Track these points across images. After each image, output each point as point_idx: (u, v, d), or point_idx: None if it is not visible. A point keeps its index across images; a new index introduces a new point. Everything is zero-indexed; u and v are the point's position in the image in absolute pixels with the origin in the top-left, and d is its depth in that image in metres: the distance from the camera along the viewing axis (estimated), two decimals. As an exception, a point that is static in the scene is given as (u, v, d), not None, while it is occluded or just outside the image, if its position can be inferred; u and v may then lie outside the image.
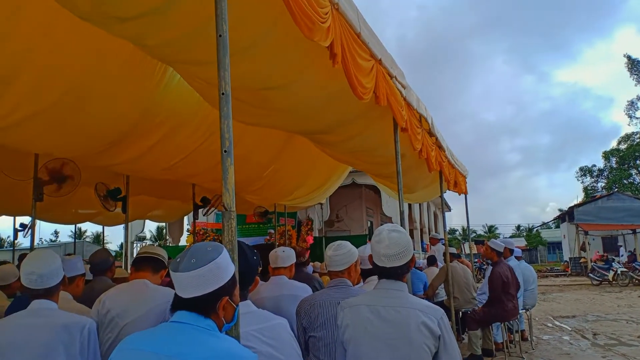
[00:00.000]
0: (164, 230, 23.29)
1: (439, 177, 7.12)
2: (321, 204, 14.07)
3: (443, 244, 9.37)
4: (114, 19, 2.44)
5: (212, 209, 9.10)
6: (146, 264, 3.11)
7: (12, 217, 9.55)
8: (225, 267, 1.58)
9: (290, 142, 6.39)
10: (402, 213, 4.48)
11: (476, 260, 23.21)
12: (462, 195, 9.34)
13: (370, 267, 3.39)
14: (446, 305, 7.25)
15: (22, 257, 8.93)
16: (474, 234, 55.26)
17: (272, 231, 13.64)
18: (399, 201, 4.44)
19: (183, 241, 15.22)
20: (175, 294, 1.57)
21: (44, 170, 4.98)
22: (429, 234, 17.67)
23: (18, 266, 4.78)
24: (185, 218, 14.22)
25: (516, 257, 7.92)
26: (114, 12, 2.37)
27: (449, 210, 26.34)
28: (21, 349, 2.34)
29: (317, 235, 15.17)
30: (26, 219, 9.59)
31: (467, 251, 17.67)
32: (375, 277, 3.41)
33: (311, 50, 2.88)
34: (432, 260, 9.21)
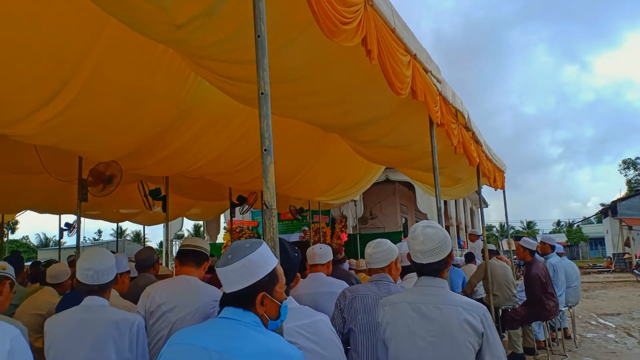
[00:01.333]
0: (202, 229, 23.70)
1: (476, 172, 7.01)
2: (355, 201, 14.04)
3: (482, 240, 9.23)
4: (170, 26, 2.50)
5: (247, 206, 9.22)
6: (189, 257, 3.12)
7: (57, 217, 9.94)
8: (261, 263, 1.60)
9: (326, 140, 6.41)
10: (439, 210, 4.43)
11: (515, 257, 22.70)
12: (500, 191, 9.17)
13: (408, 264, 3.41)
14: (485, 302, 7.13)
15: (70, 257, 9.28)
16: (512, 230, 54.07)
17: (307, 228, 13.71)
18: (436, 197, 4.40)
19: (220, 239, 15.46)
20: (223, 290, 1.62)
21: (88, 172, 5.17)
22: (466, 231, 17.42)
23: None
24: (222, 216, 14.45)
25: (558, 254, 7.72)
26: (171, 20, 2.43)
27: (486, 206, 25.88)
28: (76, 342, 2.45)
29: (351, 232, 15.15)
30: (70, 218, 9.98)
31: (505, 248, 17.31)
32: (413, 275, 3.42)
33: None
34: (470, 257, 9.08)
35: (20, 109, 3.56)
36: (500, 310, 7.43)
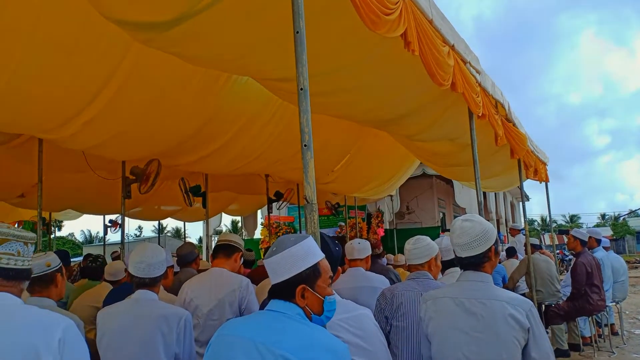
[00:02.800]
0: (239, 224, 24.02)
1: (518, 165, 6.85)
2: (391, 195, 13.96)
3: (524, 235, 9.01)
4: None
5: (285, 202, 9.30)
6: (220, 251, 3.37)
7: (101, 215, 10.29)
8: (301, 256, 1.61)
9: (363, 135, 6.39)
10: (479, 203, 4.36)
11: (558, 251, 22.09)
12: (542, 184, 8.93)
13: (448, 259, 3.37)
14: (528, 298, 6.96)
15: (114, 253, 9.59)
16: (554, 224, 52.60)
17: (343, 224, 13.71)
18: (477, 191, 4.33)
19: (257, 234, 15.66)
20: None
21: (132, 170, 5.33)
22: (507, 225, 17.06)
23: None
24: (259, 212, 14.62)
25: (604, 248, 7.48)
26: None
27: (528, 199, 25.26)
28: (128, 335, 2.53)
29: (387, 227, 15.06)
30: (111, 217, 10.32)
31: (548, 242, 16.87)
32: (454, 270, 3.38)
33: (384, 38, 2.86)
34: (511, 252, 8.88)
35: (61, 115, 3.70)
36: (543, 305, 7.25)
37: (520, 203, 10.38)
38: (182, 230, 16.66)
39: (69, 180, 6.44)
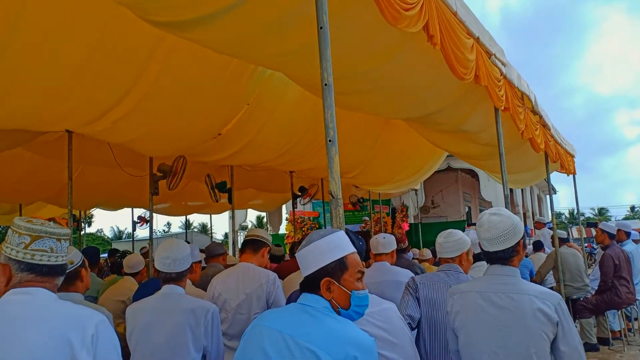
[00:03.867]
0: (264, 220, 24.22)
1: (545, 158, 6.74)
2: (415, 190, 13.86)
3: (550, 228, 8.86)
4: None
5: (309, 198, 9.33)
6: (248, 246, 3.44)
7: (130, 210, 10.51)
8: (328, 249, 1.63)
9: (387, 129, 6.37)
10: (506, 197, 4.31)
11: (586, 244, 21.62)
12: (570, 177, 8.76)
13: (474, 253, 3.35)
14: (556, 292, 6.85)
15: (142, 249, 9.79)
16: (582, 217, 51.49)
17: (367, 218, 13.69)
18: (503, 184, 4.28)
19: (282, 229, 15.76)
20: None
21: (159, 167, 5.44)
22: (533, 218, 16.79)
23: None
24: (284, 207, 14.71)
25: (634, 241, 7.31)
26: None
27: (555, 192, 24.77)
28: (157, 328, 2.60)
29: (412, 221, 14.98)
30: (139, 212, 10.52)
31: (576, 235, 16.54)
32: (481, 263, 3.35)
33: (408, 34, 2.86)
34: (538, 246, 8.75)
35: (95, 110, 3.79)
36: (571, 299, 7.14)
37: (547, 196, 10.20)
38: (209, 226, 16.89)
39: (98, 178, 6.60)
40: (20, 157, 5.54)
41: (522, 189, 17.20)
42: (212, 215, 13.59)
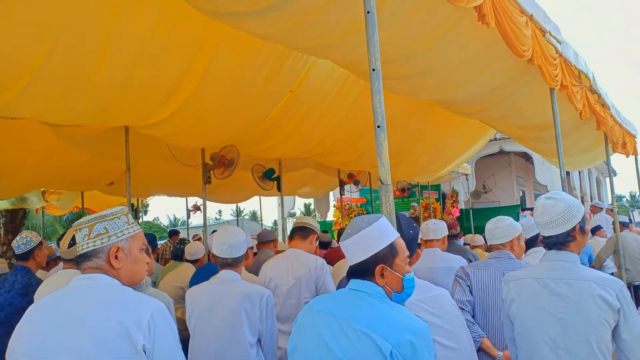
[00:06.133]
0: (311, 207, 24.41)
1: (604, 138, 6.44)
2: (466, 174, 13.57)
3: (609, 212, 8.47)
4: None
5: (357, 185, 9.32)
6: (297, 233, 3.55)
7: (184, 200, 10.86)
8: (377, 236, 1.63)
9: (432, 115, 6.24)
10: (563, 180, 4.16)
11: (650, 229, 20.50)
12: (631, 158, 8.32)
13: (529, 237, 3.27)
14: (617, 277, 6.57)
15: (195, 236, 10.10)
16: (645, 200, 48.94)
17: (416, 204, 13.54)
18: (560, 167, 4.13)
19: (330, 216, 15.83)
20: None
21: (211, 156, 5.59)
22: (591, 202, 16.12)
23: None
24: (331, 194, 14.77)
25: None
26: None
27: (615, 175, 23.63)
28: (215, 312, 2.70)
29: (463, 207, 14.69)
30: (193, 200, 10.86)
31: (637, 219, 15.75)
32: (538, 249, 3.27)
33: (456, 11, 2.78)
34: (596, 230, 8.39)
35: (146, 106, 3.90)
36: (632, 286, 6.84)
37: (607, 179, 9.74)
38: (259, 213, 17.21)
39: (154, 168, 6.84)
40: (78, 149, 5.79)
41: (579, 172, 16.51)
42: (262, 203, 13.82)
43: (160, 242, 10.77)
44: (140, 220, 13.10)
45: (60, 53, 2.78)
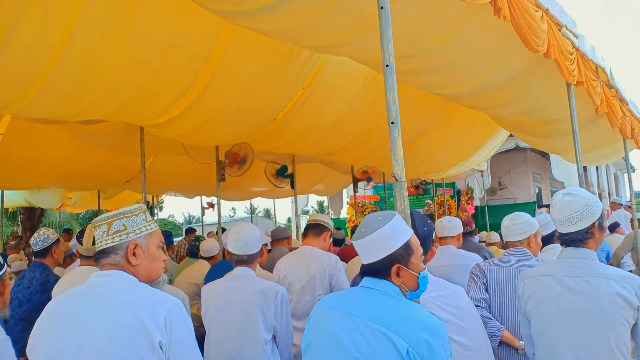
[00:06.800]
0: (325, 204, 24.40)
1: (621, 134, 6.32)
2: (481, 171, 13.44)
3: (628, 209, 8.34)
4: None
5: (370, 182, 9.28)
6: (310, 230, 3.56)
7: (199, 197, 10.93)
8: (393, 235, 1.61)
9: (444, 110, 6.19)
10: (580, 177, 4.10)
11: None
12: (651, 153, 8.17)
13: (546, 234, 3.23)
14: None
15: (209, 233, 10.16)
16: (665, 197, 48.01)
17: (430, 202, 13.46)
18: (577, 162, 4.07)
19: (343, 214, 15.81)
20: None
21: (225, 154, 5.62)
22: (609, 199, 15.88)
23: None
24: (344, 191, 14.74)
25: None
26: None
27: (633, 170, 23.24)
28: (231, 308, 2.72)
29: (478, 204, 14.57)
30: (207, 198, 10.92)
31: (657, 216, 15.46)
32: (554, 246, 3.23)
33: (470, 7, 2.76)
34: (614, 227, 8.27)
35: (158, 105, 3.93)
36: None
37: (625, 175, 9.59)
38: (272, 210, 17.27)
39: (169, 165, 6.89)
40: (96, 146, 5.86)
41: (596, 167, 16.29)
42: (275, 200, 13.85)
43: (175, 240, 10.87)
44: (155, 218, 13.22)
45: (76, 49, 2.81)
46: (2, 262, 2.04)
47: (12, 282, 3.50)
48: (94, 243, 2.81)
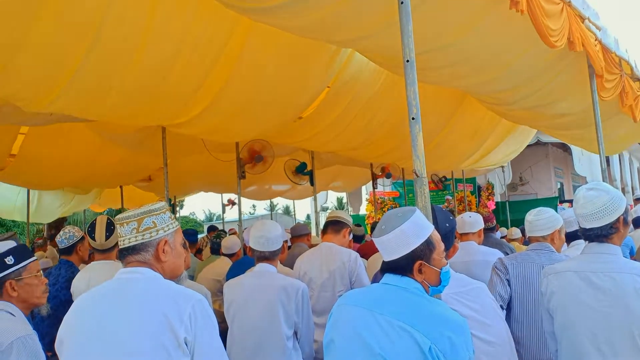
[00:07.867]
0: (344, 201, 24.38)
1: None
2: (502, 167, 13.30)
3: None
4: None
5: (389, 178, 9.26)
6: (330, 227, 3.58)
7: (219, 195, 11.04)
8: (414, 232, 1.60)
9: (463, 104, 6.14)
10: (603, 171, 4.04)
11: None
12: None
13: (571, 230, 3.19)
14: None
15: (230, 230, 10.25)
16: (693, 191, 46.75)
17: (450, 197, 13.36)
18: (600, 156, 4.01)
19: (362, 210, 15.78)
20: None
21: (245, 152, 5.66)
22: (633, 193, 15.56)
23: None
24: (363, 188, 14.71)
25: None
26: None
27: (658, 164, 22.70)
28: (253, 304, 2.75)
29: (499, 200, 14.40)
30: (226, 196, 11.03)
31: (684, 211, 15.08)
32: (578, 242, 3.19)
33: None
34: (638, 222, 8.10)
35: (180, 100, 3.96)
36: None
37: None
38: (292, 207, 17.32)
39: (190, 164, 6.96)
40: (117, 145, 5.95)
41: (620, 162, 15.97)
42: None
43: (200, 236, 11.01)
44: (177, 215, 13.38)
45: (99, 49, 2.84)
46: (33, 256, 2.11)
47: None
48: (106, 238, 2.92)
